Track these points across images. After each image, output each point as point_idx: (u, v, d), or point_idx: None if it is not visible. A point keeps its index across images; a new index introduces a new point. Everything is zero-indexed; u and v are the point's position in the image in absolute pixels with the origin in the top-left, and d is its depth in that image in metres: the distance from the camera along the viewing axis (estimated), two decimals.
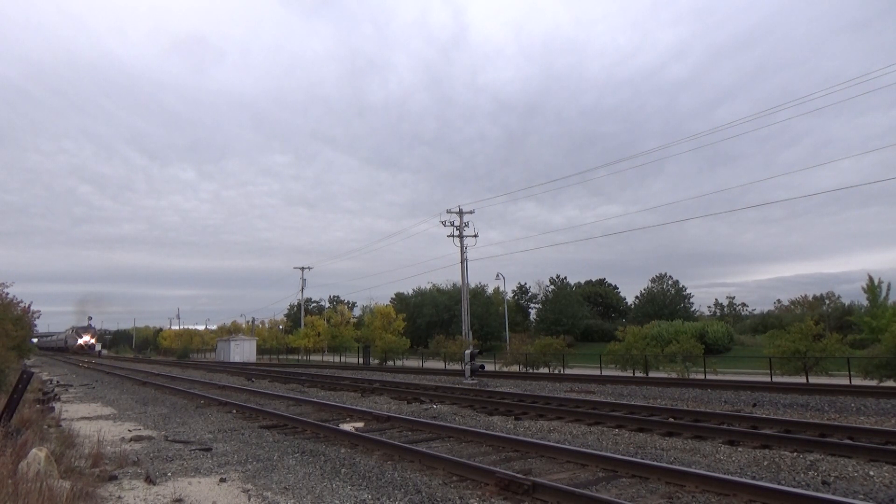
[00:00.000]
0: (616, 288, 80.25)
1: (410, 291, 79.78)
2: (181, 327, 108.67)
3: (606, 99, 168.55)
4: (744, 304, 76.34)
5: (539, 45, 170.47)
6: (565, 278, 75.66)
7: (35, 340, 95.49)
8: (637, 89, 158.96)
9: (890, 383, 21.30)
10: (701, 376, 26.42)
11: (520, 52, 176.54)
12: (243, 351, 61.85)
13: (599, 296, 76.47)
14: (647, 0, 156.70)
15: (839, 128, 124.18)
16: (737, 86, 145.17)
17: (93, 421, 13.41)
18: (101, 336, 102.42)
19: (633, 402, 15.07)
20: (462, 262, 33.56)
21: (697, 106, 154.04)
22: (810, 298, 61.00)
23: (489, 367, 31.91)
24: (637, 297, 71.62)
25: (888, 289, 38.60)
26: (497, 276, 63.32)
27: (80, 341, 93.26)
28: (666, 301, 65.55)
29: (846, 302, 55.93)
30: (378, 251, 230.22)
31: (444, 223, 34.02)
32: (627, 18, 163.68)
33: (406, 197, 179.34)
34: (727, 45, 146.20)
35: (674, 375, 26.84)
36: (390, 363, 47.33)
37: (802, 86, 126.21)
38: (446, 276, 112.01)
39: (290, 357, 68.19)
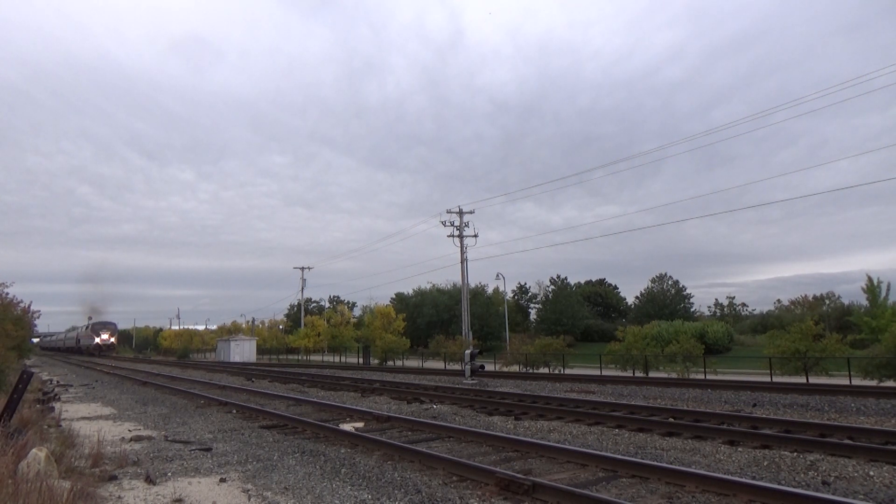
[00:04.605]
0: (616, 288, 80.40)
1: (410, 291, 79.89)
2: (181, 327, 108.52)
3: (603, 100, 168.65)
4: (744, 304, 76.37)
5: (535, 46, 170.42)
6: (565, 278, 75.82)
7: (36, 340, 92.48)
8: (633, 90, 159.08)
9: (890, 383, 21.31)
10: (701, 376, 26.42)
11: (516, 53, 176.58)
12: (243, 351, 61.80)
13: (599, 296, 76.50)
14: (643, 2, 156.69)
15: (835, 129, 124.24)
16: (733, 87, 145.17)
17: (93, 421, 13.41)
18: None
19: (633, 402, 15.06)
20: (462, 262, 33.55)
21: (694, 107, 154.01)
22: (810, 298, 61.02)
23: (489, 367, 31.91)
24: (637, 298, 71.78)
25: (888, 289, 38.61)
26: (497, 276, 63.29)
27: (97, 340, 76.61)
28: (666, 301, 65.61)
29: (846, 302, 55.96)
30: (377, 251, 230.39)
31: (443, 223, 33.99)
32: (623, 20, 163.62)
33: (405, 197, 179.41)
34: (723, 47, 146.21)
35: (674, 375, 26.84)
36: (390, 363, 47.33)
37: (798, 87, 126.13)
38: (446, 276, 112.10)
39: (290, 357, 68.17)
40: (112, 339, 78.90)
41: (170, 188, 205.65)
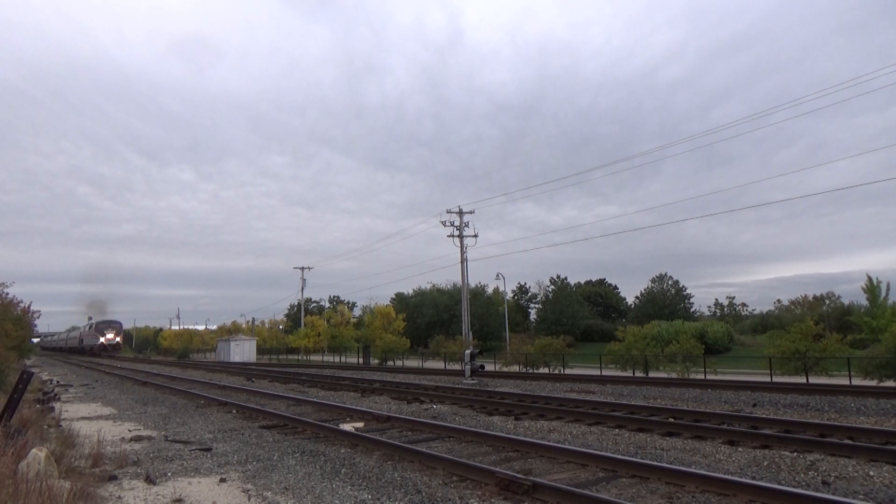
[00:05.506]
0: (616, 288, 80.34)
1: (410, 291, 79.91)
2: (181, 327, 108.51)
3: (602, 100, 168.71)
4: (744, 304, 76.35)
5: (534, 47, 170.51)
6: (565, 278, 75.73)
7: (37, 340, 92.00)
8: (633, 90, 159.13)
9: (890, 383, 21.30)
10: (701, 376, 26.42)
11: (515, 53, 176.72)
12: (243, 351, 61.77)
13: (599, 296, 76.47)
14: (642, 2, 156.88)
15: (834, 129, 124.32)
16: (732, 87, 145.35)
17: (93, 421, 13.41)
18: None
19: (633, 402, 15.06)
20: (462, 262, 33.54)
21: (693, 107, 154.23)
22: (810, 298, 60.90)
23: (489, 367, 31.91)
24: (637, 298, 71.74)
25: (887, 289, 38.58)
26: (497, 276, 63.32)
27: (102, 339, 73.46)
28: (666, 301, 65.56)
29: (846, 302, 55.84)
30: (377, 251, 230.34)
31: (443, 223, 33.97)
32: (622, 20, 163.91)
33: (404, 197, 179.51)
34: (722, 47, 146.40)
35: (674, 375, 26.84)
36: (390, 363, 47.32)
37: (798, 87, 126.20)
38: (446, 276, 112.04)
39: (290, 357, 68.15)
40: (117, 339, 76.05)
41: (169, 188, 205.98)
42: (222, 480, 7.33)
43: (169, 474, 7.71)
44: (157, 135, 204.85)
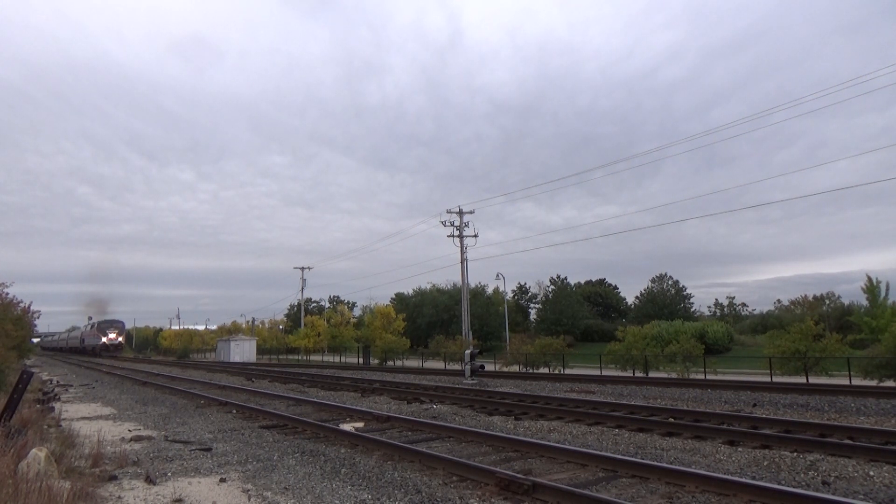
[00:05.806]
0: (616, 288, 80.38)
1: (410, 291, 79.96)
2: (181, 327, 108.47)
3: (602, 100, 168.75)
4: (744, 304, 76.25)
5: (534, 47, 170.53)
6: (565, 278, 75.77)
7: (37, 340, 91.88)
8: (632, 91, 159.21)
9: (890, 383, 21.30)
10: (701, 376, 26.42)
11: (515, 54, 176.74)
12: (243, 351, 61.77)
13: (599, 296, 76.48)
14: (641, 2, 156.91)
15: (834, 129, 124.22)
16: (732, 87, 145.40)
17: (93, 421, 13.41)
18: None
19: (633, 402, 15.06)
20: (462, 263, 33.55)
21: (693, 107, 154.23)
22: (810, 298, 60.85)
23: (489, 367, 31.90)
24: (637, 298, 71.75)
25: (887, 289, 38.61)
26: (497, 276, 63.34)
27: (104, 339, 72.37)
28: (666, 301, 65.56)
29: (846, 302, 55.80)
30: (377, 251, 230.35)
31: (443, 223, 33.98)
32: (621, 20, 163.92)
33: (404, 197, 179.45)
34: (722, 47, 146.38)
35: (674, 375, 26.84)
36: (390, 363, 47.32)
37: (797, 87, 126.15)
38: (446, 276, 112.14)
39: (290, 357, 68.15)
40: (120, 339, 75.19)
41: (169, 188, 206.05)
42: (222, 480, 7.33)
43: (169, 474, 7.71)
44: (157, 135, 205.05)
